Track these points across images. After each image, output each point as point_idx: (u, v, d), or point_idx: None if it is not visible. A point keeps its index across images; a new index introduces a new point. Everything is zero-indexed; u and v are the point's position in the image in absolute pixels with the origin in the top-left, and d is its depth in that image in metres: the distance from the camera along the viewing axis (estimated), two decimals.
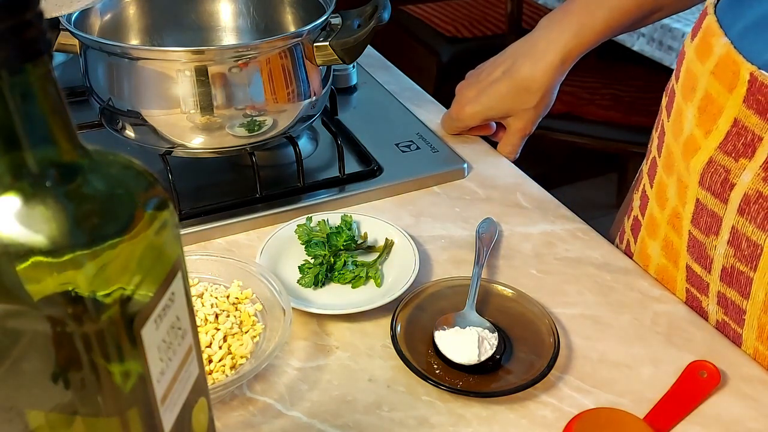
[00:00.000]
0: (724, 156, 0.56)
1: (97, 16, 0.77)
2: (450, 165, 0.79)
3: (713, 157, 0.57)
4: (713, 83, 0.57)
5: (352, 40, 0.68)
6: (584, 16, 0.76)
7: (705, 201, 0.59)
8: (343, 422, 0.52)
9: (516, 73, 0.78)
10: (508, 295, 0.62)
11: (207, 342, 0.54)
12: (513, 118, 0.81)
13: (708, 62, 0.57)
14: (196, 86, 0.65)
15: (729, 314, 0.59)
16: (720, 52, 0.56)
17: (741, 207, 0.56)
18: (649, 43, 1.60)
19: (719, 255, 0.58)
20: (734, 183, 0.56)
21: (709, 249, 0.59)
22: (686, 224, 0.62)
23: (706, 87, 0.57)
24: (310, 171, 0.77)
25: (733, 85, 0.54)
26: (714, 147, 0.57)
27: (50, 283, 0.26)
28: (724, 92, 0.55)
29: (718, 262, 0.59)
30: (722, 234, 0.58)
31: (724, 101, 0.55)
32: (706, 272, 0.60)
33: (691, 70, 0.60)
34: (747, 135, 0.54)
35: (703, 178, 0.58)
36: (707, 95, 0.57)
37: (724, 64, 0.55)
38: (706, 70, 0.58)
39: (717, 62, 0.56)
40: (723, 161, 0.56)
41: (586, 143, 1.84)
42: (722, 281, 0.59)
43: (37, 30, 0.25)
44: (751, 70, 0.53)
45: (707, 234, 0.59)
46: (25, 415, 0.30)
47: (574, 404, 0.54)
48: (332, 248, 0.65)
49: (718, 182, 0.57)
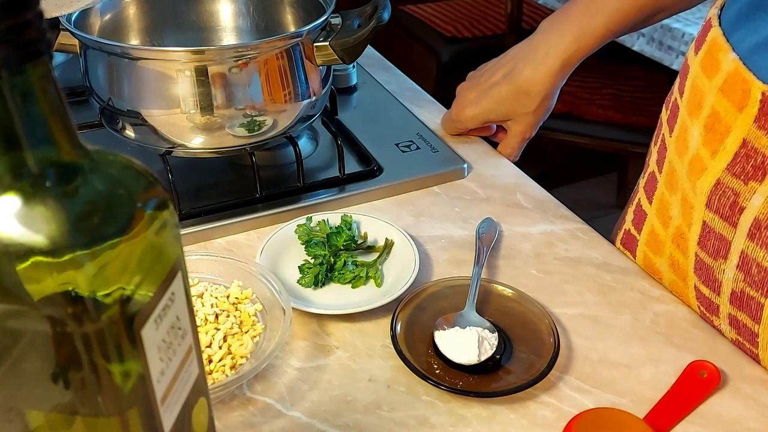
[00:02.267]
0: (732, 178, 0.54)
1: (97, 16, 0.77)
2: (450, 165, 0.79)
3: (721, 178, 0.55)
4: (721, 101, 0.54)
5: (352, 40, 0.68)
6: (584, 20, 0.75)
7: (712, 224, 0.56)
8: (343, 422, 0.52)
9: (516, 77, 0.78)
10: (508, 295, 0.62)
11: (207, 342, 0.54)
12: (513, 122, 0.81)
13: (715, 78, 0.55)
14: (196, 86, 0.65)
15: (742, 335, 0.58)
16: (728, 68, 0.53)
17: (751, 231, 0.53)
18: (649, 43, 1.60)
19: (728, 279, 0.56)
20: (744, 206, 0.53)
21: (717, 272, 0.57)
22: (692, 246, 0.60)
23: (713, 104, 0.55)
24: (310, 171, 0.77)
25: (743, 103, 0.52)
26: (722, 168, 0.54)
27: (50, 283, 0.26)
28: (732, 111, 0.53)
29: (727, 286, 0.57)
30: (731, 258, 0.55)
31: (732, 120, 0.53)
32: (715, 294, 0.59)
33: (697, 86, 0.57)
34: (757, 157, 0.51)
35: (711, 201, 0.56)
36: (714, 113, 0.55)
37: (732, 81, 0.53)
38: (713, 86, 0.55)
39: (725, 79, 0.53)
40: (731, 183, 0.54)
41: (586, 143, 1.84)
42: (732, 304, 0.57)
43: (37, 30, 0.25)
44: (763, 89, 0.50)
45: (715, 257, 0.57)
46: (25, 415, 0.30)
47: (574, 404, 0.54)
48: (332, 248, 0.65)
49: (726, 205, 0.55)
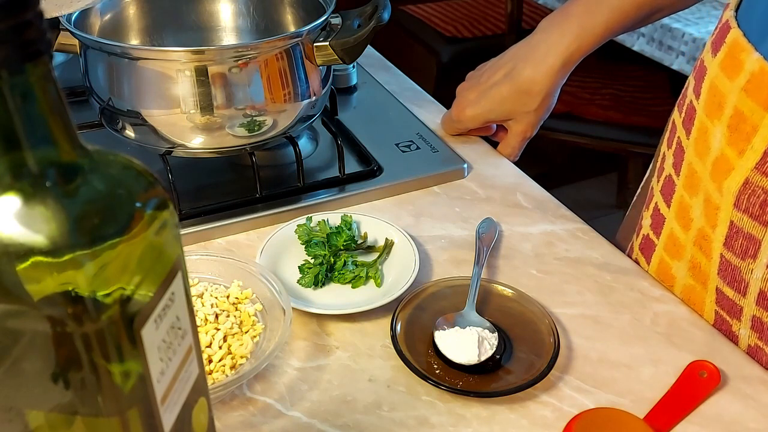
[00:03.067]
0: (762, 177, 0.54)
1: (97, 16, 0.77)
2: (450, 165, 0.79)
3: (750, 178, 0.55)
4: (745, 100, 0.54)
5: (352, 40, 0.68)
6: (585, 19, 0.75)
7: (741, 224, 0.56)
8: (343, 422, 0.52)
9: (517, 77, 0.78)
10: (508, 295, 0.62)
11: (207, 342, 0.54)
12: (513, 121, 0.81)
13: (738, 79, 0.55)
14: (196, 86, 0.65)
15: (764, 339, 0.58)
16: (752, 68, 0.53)
17: None
18: (649, 43, 1.60)
19: (756, 279, 0.56)
20: None
21: (745, 272, 0.57)
22: (717, 246, 0.59)
23: (736, 104, 0.55)
24: (310, 171, 0.77)
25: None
26: (750, 167, 0.54)
27: (50, 283, 0.26)
28: (758, 110, 0.53)
29: (754, 286, 0.57)
30: (761, 257, 0.55)
31: (758, 119, 0.53)
32: (740, 296, 0.58)
33: (717, 87, 0.57)
34: None
35: (739, 200, 0.56)
36: (738, 113, 0.55)
37: (757, 81, 0.53)
38: (735, 87, 0.55)
39: (749, 79, 0.54)
40: (761, 182, 0.54)
41: (586, 143, 1.84)
42: (758, 305, 0.57)
43: (37, 30, 0.25)
44: None
45: (743, 257, 0.57)
46: (25, 415, 0.30)
47: (574, 404, 0.54)
48: (332, 248, 0.65)
49: (756, 204, 0.55)
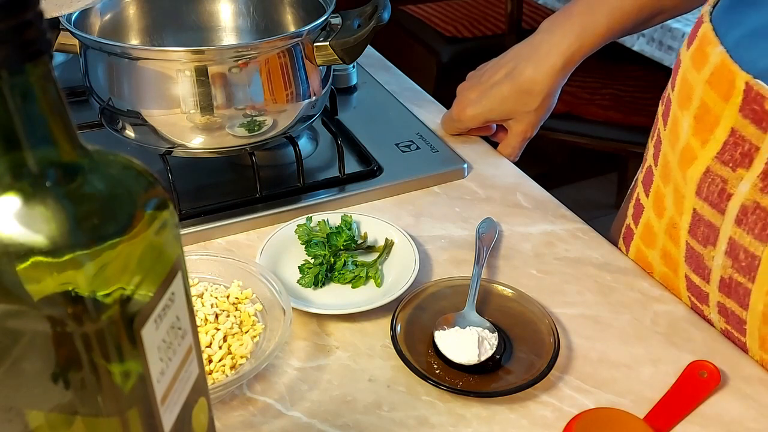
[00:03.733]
0: (721, 166, 0.55)
1: (97, 16, 0.77)
2: (450, 165, 0.79)
3: (710, 167, 0.56)
4: (709, 92, 0.56)
5: (352, 40, 0.68)
6: (586, 19, 0.75)
7: (702, 211, 0.58)
8: (343, 422, 0.52)
9: (518, 77, 0.78)
10: (508, 295, 0.62)
11: (207, 342, 0.54)
12: (514, 121, 0.81)
13: (703, 71, 0.57)
14: (196, 86, 0.65)
15: (731, 323, 0.59)
16: (715, 60, 0.55)
17: (738, 217, 0.55)
18: (649, 43, 1.60)
19: (717, 266, 0.58)
20: (731, 193, 0.55)
21: (707, 259, 0.59)
22: (683, 234, 0.61)
23: (701, 96, 0.57)
24: (310, 171, 0.77)
25: (729, 94, 0.54)
26: (711, 157, 0.56)
27: (50, 283, 0.26)
28: (719, 102, 0.55)
29: (716, 273, 0.58)
30: (720, 245, 0.57)
31: (720, 111, 0.55)
32: (705, 282, 0.60)
33: (687, 79, 0.59)
34: (744, 145, 0.53)
35: (700, 189, 0.58)
36: (703, 104, 0.57)
37: (719, 73, 0.55)
38: (701, 79, 0.57)
39: (712, 71, 0.56)
40: (720, 171, 0.56)
41: (586, 143, 1.84)
42: (721, 292, 0.58)
43: (36, 30, 0.25)
44: (746, 79, 0.52)
45: (705, 245, 0.59)
46: (25, 416, 0.30)
47: (574, 404, 0.54)
48: (332, 248, 0.65)
49: (715, 192, 0.56)
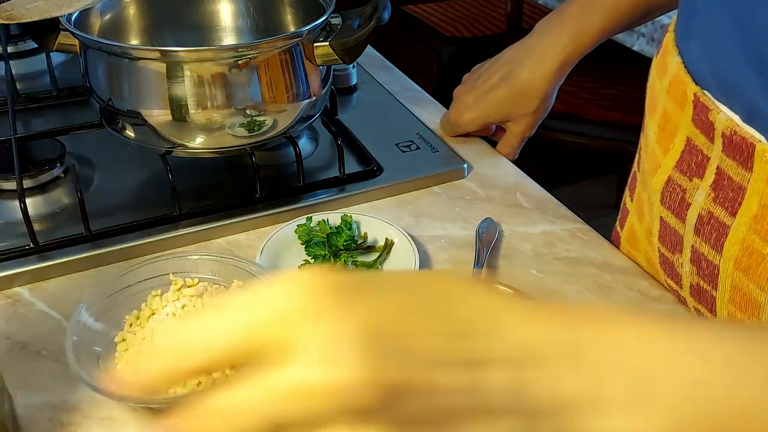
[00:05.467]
0: (680, 175, 0.56)
1: (97, 16, 0.77)
2: (450, 165, 0.79)
3: (671, 176, 0.57)
4: (668, 102, 0.56)
5: (352, 40, 0.68)
6: (581, 20, 0.75)
7: (668, 219, 0.59)
8: None
9: (514, 80, 0.78)
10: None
11: None
12: (512, 123, 0.81)
13: (664, 80, 0.57)
14: (196, 86, 0.65)
15: None
16: (673, 70, 0.56)
17: (696, 227, 0.55)
18: (649, 43, 1.60)
19: (686, 272, 0.58)
20: (690, 202, 0.55)
21: (677, 266, 0.59)
22: (656, 241, 0.61)
23: (663, 105, 0.57)
24: (310, 171, 0.77)
25: (683, 104, 0.54)
26: (672, 165, 0.56)
27: None
28: (677, 111, 0.55)
29: (686, 279, 0.59)
30: (685, 252, 0.57)
31: (678, 120, 0.55)
32: (680, 288, 0.60)
33: (652, 87, 0.60)
34: (697, 155, 0.54)
35: (664, 197, 0.58)
36: (665, 113, 0.57)
37: (676, 83, 0.55)
38: (662, 87, 0.57)
39: (671, 81, 0.56)
40: (680, 180, 0.56)
41: (586, 143, 1.84)
42: (692, 297, 0.59)
43: None
44: (694, 90, 0.53)
45: (673, 252, 0.59)
46: None
47: None
48: (332, 248, 0.65)
49: (676, 201, 0.57)
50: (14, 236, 0.67)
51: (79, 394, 0.53)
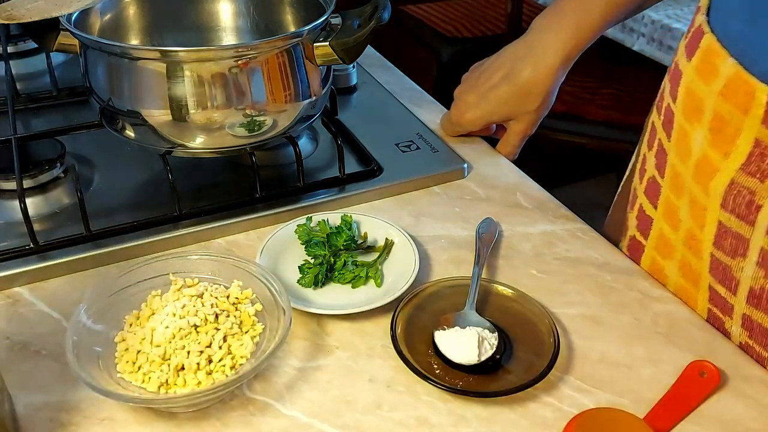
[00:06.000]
0: (747, 177, 0.54)
1: (97, 16, 0.77)
2: (450, 165, 0.79)
3: (735, 178, 0.55)
4: (723, 104, 0.54)
5: (352, 40, 0.68)
6: (580, 15, 0.75)
7: (729, 223, 0.57)
8: (343, 422, 0.52)
9: (516, 78, 0.78)
10: (508, 295, 0.62)
11: (207, 342, 0.54)
12: (514, 121, 0.81)
13: (714, 83, 0.55)
14: (196, 86, 0.65)
15: (753, 337, 0.58)
16: (727, 73, 0.54)
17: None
18: (649, 43, 1.60)
19: (746, 276, 0.57)
20: (761, 204, 0.54)
21: (735, 270, 0.58)
22: (707, 246, 0.60)
23: (714, 108, 0.55)
24: (310, 171, 0.77)
25: (747, 106, 0.52)
26: (735, 168, 0.55)
27: None
28: (737, 114, 0.53)
29: (745, 284, 0.57)
30: (750, 255, 0.56)
31: (739, 123, 0.53)
32: (731, 294, 0.59)
33: (693, 91, 0.58)
34: None
35: (726, 201, 0.56)
36: (718, 116, 0.55)
37: (734, 86, 0.53)
38: (712, 91, 0.55)
39: (725, 83, 0.54)
40: (747, 183, 0.54)
41: (586, 143, 1.84)
42: (748, 303, 0.57)
43: None
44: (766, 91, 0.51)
45: (733, 256, 0.57)
46: None
47: (574, 404, 0.54)
48: (332, 248, 0.65)
49: (742, 204, 0.55)
50: (14, 236, 0.67)
51: (79, 394, 0.53)
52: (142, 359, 0.54)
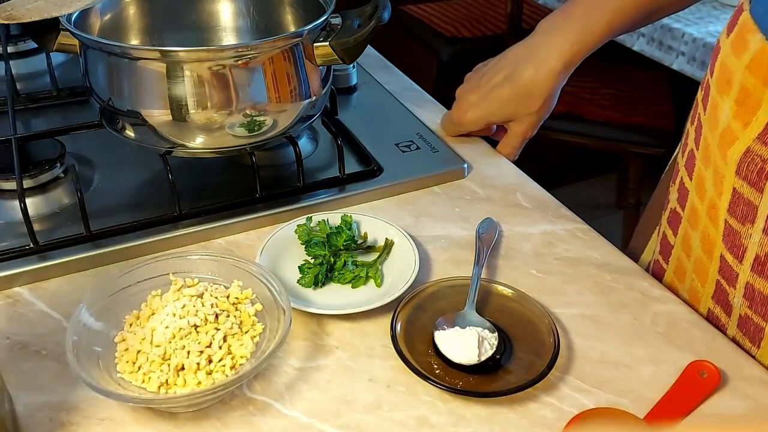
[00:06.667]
0: (761, 146, 0.56)
1: (97, 16, 0.77)
2: (450, 165, 0.79)
3: (751, 147, 0.57)
4: (748, 77, 0.57)
5: (352, 40, 0.68)
6: (586, 20, 0.75)
7: (741, 190, 0.59)
8: (343, 422, 0.52)
9: (518, 79, 0.78)
10: (508, 295, 0.62)
11: (207, 342, 0.54)
12: (514, 122, 0.81)
13: (743, 57, 0.58)
14: (196, 86, 0.65)
15: (753, 307, 0.59)
16: (755, 47, 0.56)
17: None
18: (649, 43, 1.60)
19: (753, 243, 0.58)
20: None
21: (744, 238, 0.59)
22: (722, 214, 0.61)
23: (741, 81, 0.58)
24: (310, 171, 0.77)
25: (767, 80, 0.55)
26: (752, 137, 0.57)
27: None
28: (760, 86, 0.56)
29: (751, 251, 0.59)
30: (758, 222, 0.58)
31: (761, 94, 0.56)
32: (738, 262, 0.60)
33: (726, 65, 0.60)
34: None
35: (740, 168, 0.58)
36: (743, 88, 0.58)
37: (759, 59, 0.56)
38: (741, 64, 0.58)
39: (752, 57, 0.57)
40: (760, 151, 0.56)
41: (586, 143, 1.84)
42: (753, 270, 0.59)
43: None
44: None
45: (743, 222, 0.59)
46: None
47: (574, 404, 0.54)
48: (332, 248, 0.65)
49: (754, 171, 0.57)
50: (14, 236, 0.67)
51: (79, 394, 0.53)
52: (142, 359, 0.54)
